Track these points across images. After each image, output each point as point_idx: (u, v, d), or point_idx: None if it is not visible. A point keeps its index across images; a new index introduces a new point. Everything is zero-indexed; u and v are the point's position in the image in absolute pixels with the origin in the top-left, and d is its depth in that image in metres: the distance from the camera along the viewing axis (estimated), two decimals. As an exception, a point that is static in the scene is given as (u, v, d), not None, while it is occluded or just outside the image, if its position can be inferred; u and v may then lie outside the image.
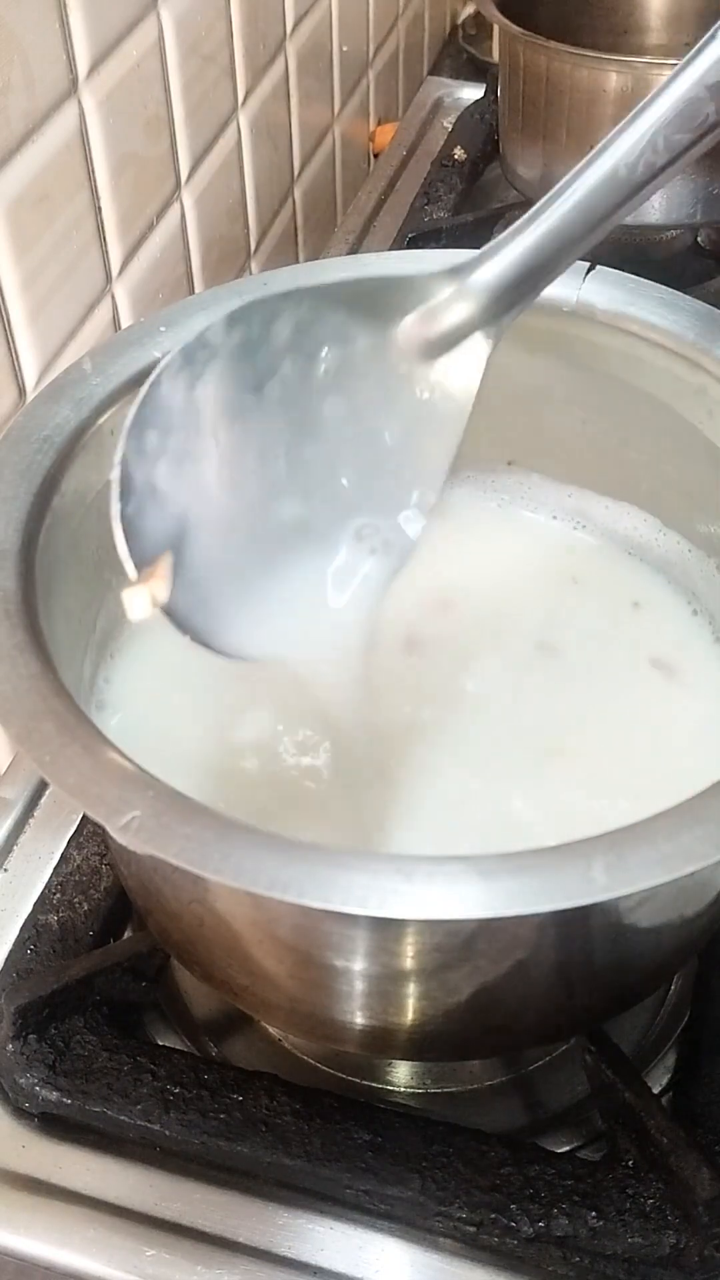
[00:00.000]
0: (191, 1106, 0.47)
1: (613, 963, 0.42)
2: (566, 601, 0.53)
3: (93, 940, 0.53)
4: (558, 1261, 0.43)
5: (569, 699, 0.49)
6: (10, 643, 0.37)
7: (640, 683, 0.50)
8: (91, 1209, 0.46)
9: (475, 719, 0.49)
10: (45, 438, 0.44)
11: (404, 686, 0.50)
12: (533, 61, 0.80)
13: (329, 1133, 0.46)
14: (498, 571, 0.55)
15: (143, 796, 0.33)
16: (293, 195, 0.93)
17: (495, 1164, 0.45)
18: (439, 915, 0.32)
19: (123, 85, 0.62)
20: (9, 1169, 0.47)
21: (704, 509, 0.52)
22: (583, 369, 0.52)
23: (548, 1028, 0.46)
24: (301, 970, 0.41)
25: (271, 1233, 0.45)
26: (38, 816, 0.59)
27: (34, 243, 0.57)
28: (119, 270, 0.65)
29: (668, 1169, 0.44)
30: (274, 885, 0.32)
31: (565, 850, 0.33)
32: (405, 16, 1.15)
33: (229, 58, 0.75)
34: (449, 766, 0.47)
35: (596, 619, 0.53)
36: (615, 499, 0.56)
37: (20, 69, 0.53)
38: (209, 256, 0.77)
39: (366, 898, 0.32)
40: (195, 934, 0.42)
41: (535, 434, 0.56)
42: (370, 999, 0.41)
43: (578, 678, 0.50)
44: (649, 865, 0.32)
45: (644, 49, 0.92)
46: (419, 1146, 0.45)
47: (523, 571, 0.55)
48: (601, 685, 0.50)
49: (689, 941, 0.45)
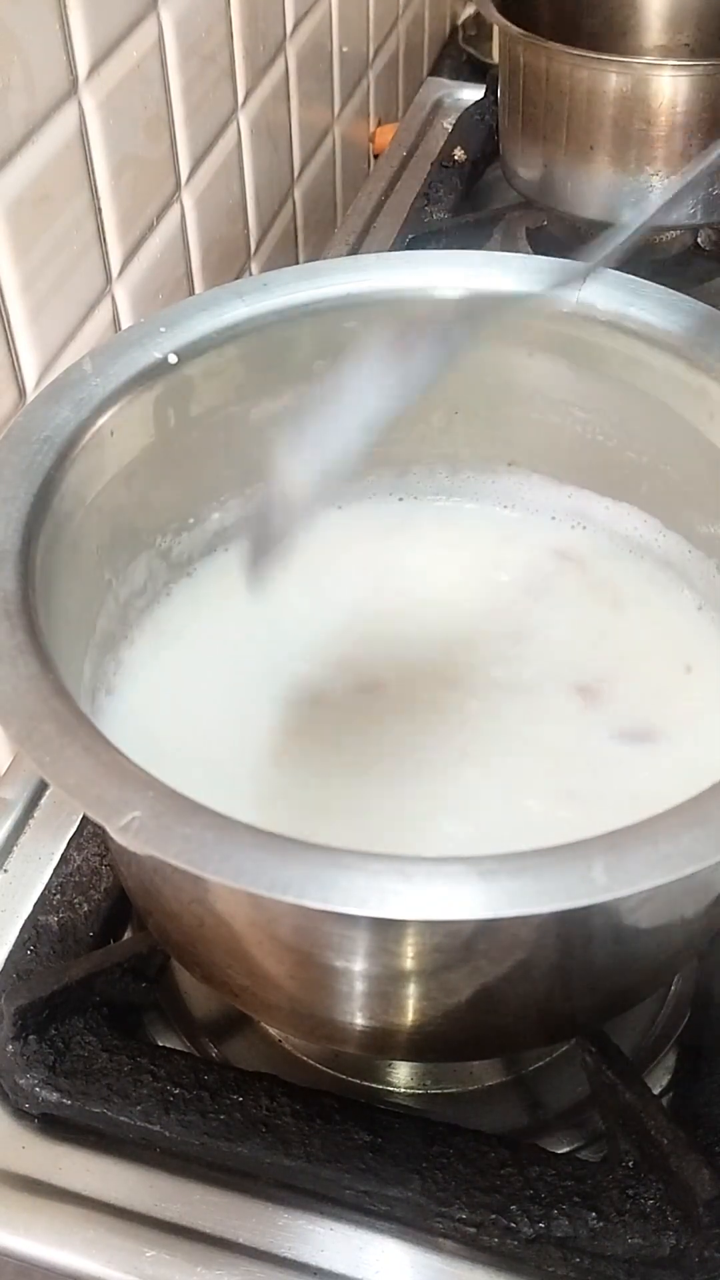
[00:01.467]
0: (191, 1107, 0.47)
1: (613, 963, 0.42)
2: (566, 602, 0.53)
3: (93, 941, 0.53)
4: (558, 1262, 0.43)
5: (569, 700, 0.49)
6: (10, 643, 0.37)
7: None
8: (91, 1210, 0.46)
9: (475, 720, 0.48)
10: (45, 438, 0.44)
11: (403, 686, 0.50)
12: (533, 62, 0.80)
13: (329, 1133, 0.46)
14: (497, 571, 0.55)
15: (143, 797, 0.33)
16: (293, 196, 0.93)
17: (495, 1165, 0.45)
18: (439, 916, 0.32)
19: (123, 86, 0.62)
20: (9, 1170, 0.47)
21: (704, 510, 0.52)
22: (583, 370, 0.52)
23: (548, 1028, 0.46)
24: (301, 971, 0.41)
25: (272, 1234, 0.45)
26: (38, 817, 0.59)
27: (34, 243, 0.57)
28: (119, 271, 0.65)
29: (668, 1170, 0.44)
30: (274, 886, 0.32)
31: (565, 851, 0.33)
32: (405, 17, 1.15)
33: (229, 58, 0.75)
34: (458, 765, 0.47)
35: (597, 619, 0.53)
36: (615, 500, 0.56)
37: (20, 69, 0.53)
38: (209, 257, 0.77)
39: (366, 898, 0.32)
40: (195, 935, 0.42)
41: (535, 435, 0.56)
42: (370, 1000, 0.41)
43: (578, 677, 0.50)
44: (649, 866, 0.32)
45: (644, 49, 0.92)
46: (419, 1147, 0.45)
47: (523, 571, 0.55)
48: (603, 687, 0.50)
49: (689, 942, 0.45)
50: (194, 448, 0.52)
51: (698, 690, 0.50)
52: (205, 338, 0.49)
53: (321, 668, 0.50)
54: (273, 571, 0.38)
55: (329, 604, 0.53)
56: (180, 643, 0.52)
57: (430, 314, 0.50)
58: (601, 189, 0.82)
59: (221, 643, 0.52)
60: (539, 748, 0.48)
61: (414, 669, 0.50)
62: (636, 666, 0.50)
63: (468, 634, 0.52)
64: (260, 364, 0.51)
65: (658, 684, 0.50)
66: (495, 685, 0.50)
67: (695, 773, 0.36)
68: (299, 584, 0.53)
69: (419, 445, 0.57)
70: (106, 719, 0.48)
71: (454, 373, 0.54)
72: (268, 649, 0.51)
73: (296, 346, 0.52)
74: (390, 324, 0.42)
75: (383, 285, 0.52)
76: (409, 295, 0.52)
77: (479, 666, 0.51)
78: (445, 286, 0.52)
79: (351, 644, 0.51)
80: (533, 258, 0.53)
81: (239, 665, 0.51)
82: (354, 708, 0.49)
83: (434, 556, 0.56)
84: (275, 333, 0.51)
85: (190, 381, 0.49)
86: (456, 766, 0.47)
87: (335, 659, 0.50)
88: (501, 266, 0.52)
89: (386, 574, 0.54)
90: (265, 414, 0.53)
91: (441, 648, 0.51)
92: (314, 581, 0.53)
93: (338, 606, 0.53)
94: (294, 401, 0.54)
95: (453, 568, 0.55)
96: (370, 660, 0.50)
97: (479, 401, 0.56)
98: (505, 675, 0.50)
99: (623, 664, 0.51)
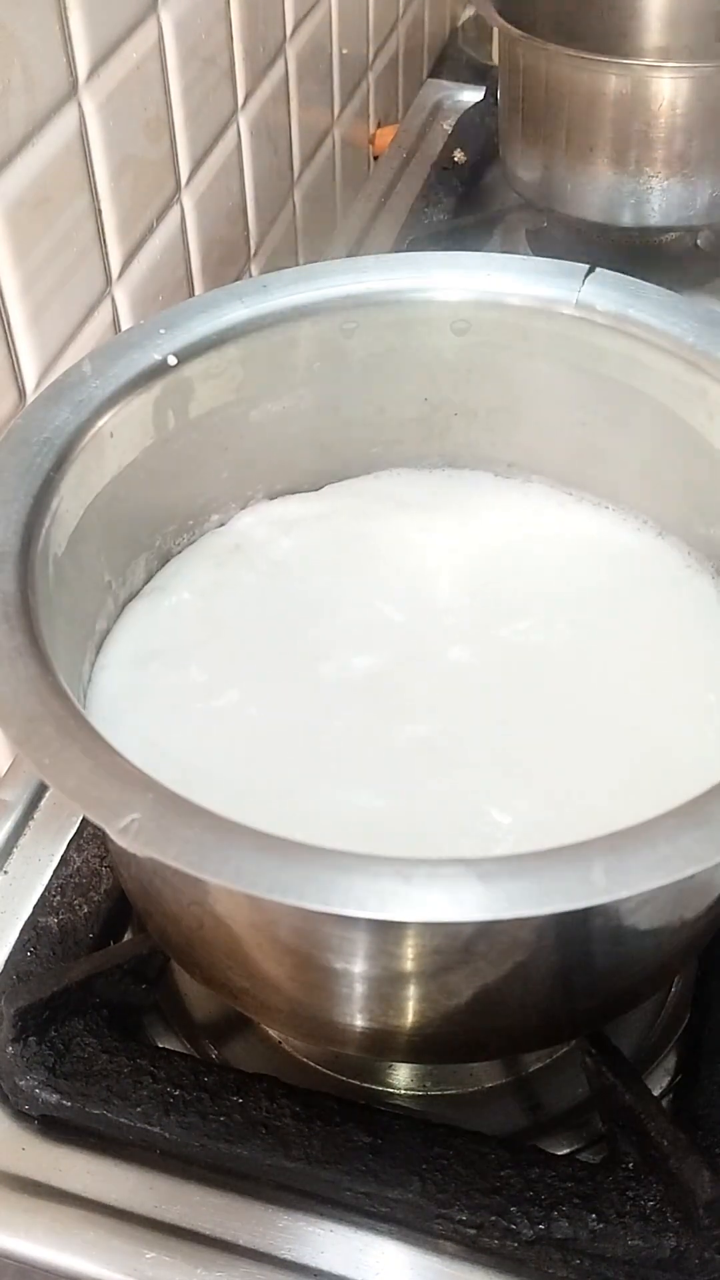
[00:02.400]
0: (191, 1109, 0.47)
1: (613, 965, 0.42)
2: (567, 603, 0.53)
3: (93, 943, 0.53)
4: (558, 1264, 0.43)
5: (570, 701, 0.49)
6: (9, 645, 0.38)
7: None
8: (91, 1211, 0.46)
9: (475, 723, 0.48)
10: (45, 440, 0.44)
11: (403, 686, 0.50)
12: (532, 64, 0.80)
13: (329, 1135, 0.46)
14: (497, 573, 0.55)
15: (142, 799, 0.33)
16: (293, 197, 0.93)
17: (495, 1166, 0.45)
18: (438, 918, 0.32)
19: (123, 87, 0.62)
20: (9, 1171, 0.47)
21: (704, 511, 0.52)
22: (583, 371, 0.52)
23: (548, 1030, 0.46)
24: (301, 973, 0.41)
25: (271, 1235, 0.45)
26: (37, 819, 0.59)
27: (34, 245, 0.57)
28: (119, 272, 0.65)
29: (668, 1171, 0.44)
30: (274, 888, 0.32)
31: (565, 852, 0.33)
32: (405, 19, 1.15)
33: (229, 60, 0.76)
34: (430, 765, 0.47)
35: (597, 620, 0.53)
36: (616, 501, 0.56)
37: (20, 71, 0.53)
38: (209, 258, 0.77)
39: (366, 900, 0.32)
40: (195, 936, 0.42)
41: (535, 436, 0.56)
42: (370, 1001, 0.41)
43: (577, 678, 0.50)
44: (649, 867, 0.32)
45: (644, 51, 0.92)
46: (419, 1149, 0.45)
47: (522, 572, 0.55)
48: (602, 687, 0.50)
49: (689, 943, 0.45)
50: (193, 449, 0.52)
51: (698, 689, 0.50)
52: (205, 339, 0.49)
53: (321, 667, 0.50)
54: None
55: (329, 604, 0.53)
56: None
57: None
58: (601, 190, 0.82)
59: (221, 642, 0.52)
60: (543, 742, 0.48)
61: (413, 669, 0.50)
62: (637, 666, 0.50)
63: (466, 636, 0.52)
64: (260, 365, 0.51)
65: (657, 684, 0.50)
66: (489, 689, 0.50)
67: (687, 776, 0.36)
68: (299, 584, 0.53)
69: (419, 445, 0.57)
70: (105, 720, 0.48)
71: (454, 374, 0.55)
72: (268, 649, 0.51)
73: (296, 348, 0.52)
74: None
75: (382, 287, 0.52)
76: (409, 297, 0.52)
77: (477, 669, 0.51)
78: (445, 288, 0.52)
79: (352, 643, 0.51)
80: (532, 259, 0.53)
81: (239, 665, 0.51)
82: (354, 707, 0.49)
83: (433, 556, 0.56)
84: (274, 334, 0.51)
85: (190, 383, 0.49)
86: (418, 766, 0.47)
87: (335, 658, 0.50)
88: (501, 268, 0.52)
89: (387, 574, 0.54)
90: (265, 415, 0.53)
91: (438, 649, 0.51)
92: (314, 581, 0.54)
93: (338, 606, 0.53)
94: (293, 403, 0.54)
95: (451, 568, 0.55)
96: (370, 660, 0.50)
97: (479, 402, 0.56)
98: (502, 677, 0.50)
99: (622, 663, 0.51)
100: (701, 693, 0.49)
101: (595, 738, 0.47)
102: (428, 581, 0.54)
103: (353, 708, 0.48)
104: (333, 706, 0.48)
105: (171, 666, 0.50)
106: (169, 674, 0.50)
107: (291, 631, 0.51)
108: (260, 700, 0.49)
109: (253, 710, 0.48)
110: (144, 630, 0.51)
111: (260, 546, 0.55)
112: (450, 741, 0.47)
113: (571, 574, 0.54)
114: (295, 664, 0.50)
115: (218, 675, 0.50)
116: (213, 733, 0.48)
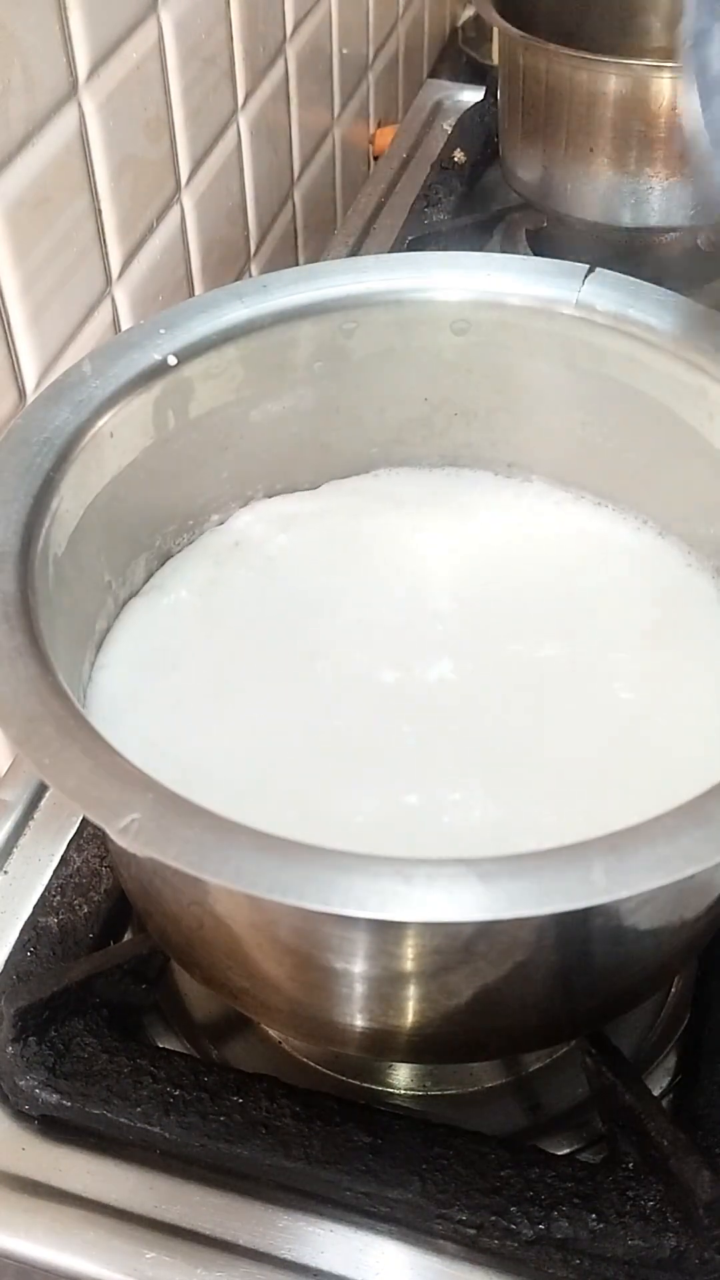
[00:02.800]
0: (191, 1109, 0.47)
1: (613, 965, 0.42)
2: (566, 602, 0.53)
3: (93, 943, 0.53)
4: (558, 1264, 0.43)
5: (569, 701, 0.49)
6: (9, 645, 0.38)
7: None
8: (91, 1211, 0.46)
9: (473, 722, 0.48)
10: (45, 440, 0.44)
11: (404, 686, 0.50)
12: (532, 64, 0.80)
13: (329, 1135, 0.46)
14: (496, 572, 0.55)
15: (142, 799, 0.33)
16: (292, 198, 0.93)
17: (495, 1166, 0.45)
18: (438, 918, 0.32)
19: (123, 87, 0.62)
20: (9, 1171, 0.47)
21: (704, 511, 0.52)
22: (583, 371, 0.52)
23: (548, 1030, 0.46)
24: (301, 973, 0.41)
25: (272, 1235, 0.45)
26: (37, 819, 0.59)
27: (34, 245, 0.57)
28: (119, 272, 0.66)
29: (668, 1171, 0.44)
30: (274, 888, 0.32)
31: (565, 852, 0.33)
32: (405, 19, 1.15)
33: (229, 60, 0.76)
34: (430, 765, 0.47)
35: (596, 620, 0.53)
36: (615, 501, 0.56)
37: (20, 71, 0.53)
38: (209, 259, 0.77)
39: (366, 900, 0.32)
40: (195, 936, 0.42)
41: (535, 436, 0.56)
42: (370, 1001, 0.41)
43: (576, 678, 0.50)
44: (649, 867, 0.32)
45: (644, 51, 0.92)
46: (419, 1149, 0.45)
47: (521, 572, 0.55)
48: (601, 686, 0.50)
49: (689, 943, 0.45)
50: (193, 449, 0.52)
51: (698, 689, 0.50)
52: (205, 339, 0.49)
53: (320, 666, 0.50)
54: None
55: (328, 602, 0.53)
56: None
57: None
58: (601, 190, 0.82)
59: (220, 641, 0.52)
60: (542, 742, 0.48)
61: (413, 668, 0.50)
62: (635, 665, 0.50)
63: (465, 636, 0.52)
64: (260, 365, 0.51)
65: (657, 684, 0.50)
66: (489, 690, 0.50)
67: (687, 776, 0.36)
68: (297, 582, 0.53)
69: (419, 445, 0.57)
70: (105, 720, 0.48)
71: (454, 374, 0.55)
72: (266, 648, 0.51)
73: (296, 348, 0.52)
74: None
75: (382, 287, 0.52)
76: (409, 297, 0.52)
77: (476, 670, 0.51)
78: (445, 288, 0.52)
79: (351, 642, 0.51)
80: (532, 259, 0.53)
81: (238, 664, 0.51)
82: (353, 706, 0.49)
83: (432, 557, 0.56)
84: (274, 334, 0.51)
85: (189, 383, 0.49)
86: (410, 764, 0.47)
87: (333, 656, 0.50)
88: (501, 268, 0.52)
89: (386, 573, 0.54)
90: (265, 415, 0.53)
91: (438, 650, 0.51)
92: (312, 580, 0.54)
93: (336, 605, 0.53)
94: (293, 402, 0.54)
95: (451, 569, 0.55)
96: (369, 659, 0.50)
97: (479, 402, 0.56)
98: (502, 677, 0.50)
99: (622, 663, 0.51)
100: (701, 693, 0.49)
101: (595, 737, 0.47)
102: (427, 580, 0.54)
103: (352, 706, 0.48)
104: (332, 705, 0.48)
105: (171, 666, 0.50)
106: (169, 673, 0.50)
107: (290, 630, 0.51)
108: (260, 699, 0.49)
109: (252, 710, 0.48)
110: (144, 630, 0.51)
111: (259, 544, 0.55)
112: (449, 740, 0.47)
113: (571, 573, 0.54)
114: (294, 663, 0.50)
115: (217, 675, 0.50)
116: (212, 732, 0.48)
